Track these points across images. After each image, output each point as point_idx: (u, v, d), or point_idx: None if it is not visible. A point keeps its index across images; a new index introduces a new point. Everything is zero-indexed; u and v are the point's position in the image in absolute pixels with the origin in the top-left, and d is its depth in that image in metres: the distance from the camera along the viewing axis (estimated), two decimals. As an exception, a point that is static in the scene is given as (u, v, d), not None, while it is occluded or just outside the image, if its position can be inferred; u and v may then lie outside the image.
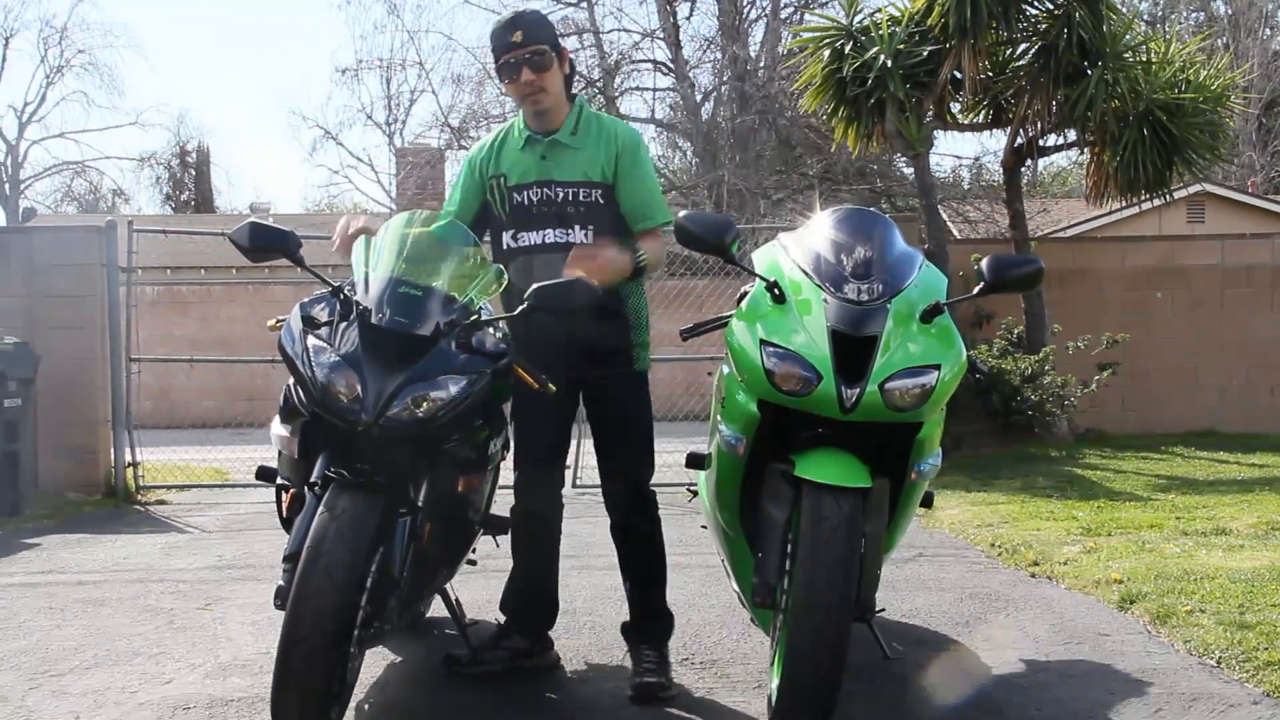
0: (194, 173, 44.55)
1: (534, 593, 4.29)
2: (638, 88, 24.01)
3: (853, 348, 3.37)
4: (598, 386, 4.13)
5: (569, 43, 22.41)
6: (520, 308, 3.69)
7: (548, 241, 4.04)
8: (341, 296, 3.55)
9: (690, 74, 22.56)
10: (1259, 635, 4.31)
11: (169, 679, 4.25)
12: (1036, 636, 4.66)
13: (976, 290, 3.66)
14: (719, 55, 22.25)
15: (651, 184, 4.15)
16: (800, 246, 3.67)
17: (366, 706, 3.93)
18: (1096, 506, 7.64)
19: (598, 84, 22.05)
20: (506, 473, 4.33)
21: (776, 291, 3.52)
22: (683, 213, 3.77)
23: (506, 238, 4.11)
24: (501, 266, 3.97)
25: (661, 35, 22.70)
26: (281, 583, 3.37)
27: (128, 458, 9.42)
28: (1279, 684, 3.85)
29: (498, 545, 4.41)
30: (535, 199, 4.06)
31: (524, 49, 3.97)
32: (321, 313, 3.57)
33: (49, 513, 8.50)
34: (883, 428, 3.43)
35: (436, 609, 4.69)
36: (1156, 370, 12.08)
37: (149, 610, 5.36)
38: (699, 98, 22.85)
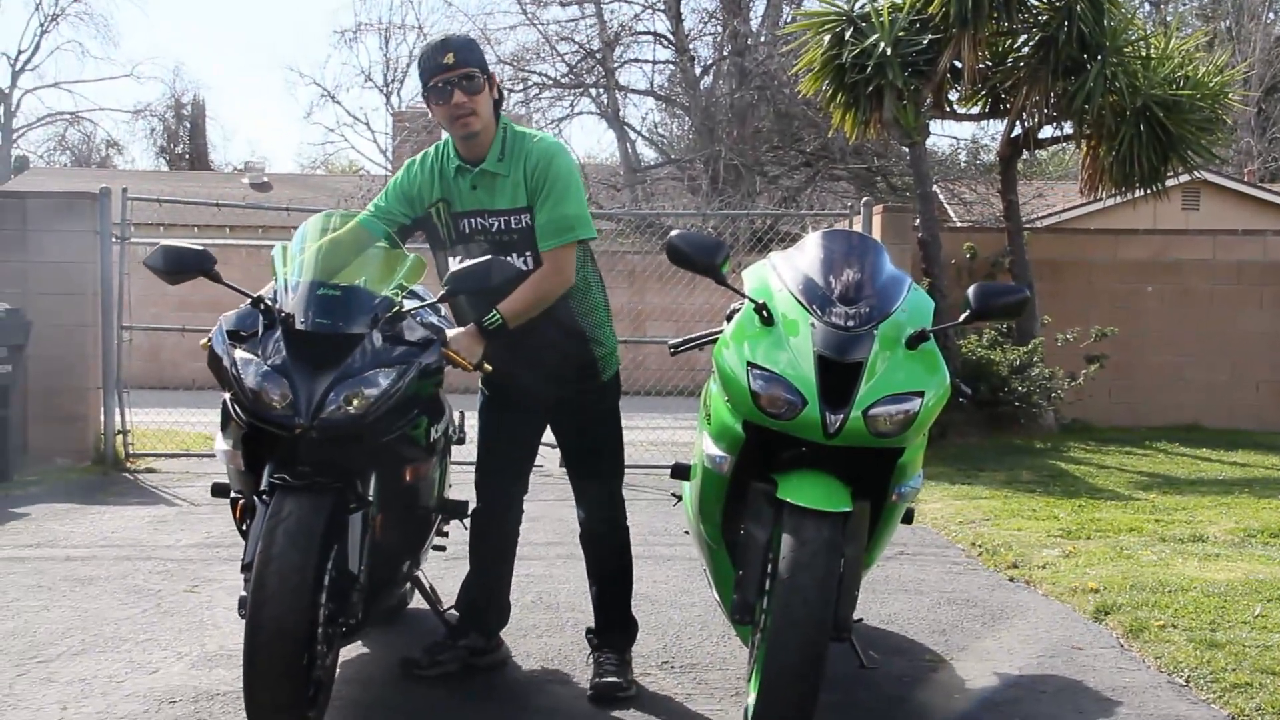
0: (189, 126, 44.38)
1: (489, 593, 4.39)
2: (637, 60, 23.94)
3: (838, 372, 3.42)
4: (568, 405, 4.17)
5: (569, 12, 22.31)
6: (440, 293, 3.74)
7: None
8: (263, 306, 3.60)
9: (690, 47, 22.49)
10: (1228, 655, 4.38)
11: (155, 668, 4.31)
12: (1011, 648, 4.74)
13: (963, 318, 3.70)
14: (719, 29, 22.19)
15: (562, 200, 3.98)
16: (789, 267, 3.71)
17: (349, 703, 3.99)
18: (1078, 505, 7.72)
19: (598, 55, 21.96)
20: (462, 452, 4.43)
21: (765, 313, 3.56)
22: (675, 232, 3.81)
23: (454, 263, 4.06)
24: (419, 256, 3.99)
25: (662, 7, 22.60)
26: (244, 592, 3.40)
27: (117, 425, 9.46)
28: (1244, 708, 3.93)
29: (465, 528, 4.47)
30: (473, 228, 4.08)
31: (455, 71, 3.92)
32: (246, 324, 3.62)
33: (37, 479, 8.55)
34: (865, 450, 3.48)
35: (419, 601, 4.77)
36: (1144, 364, 12.17)
37: (136, 591, 5.42)
38: (698, 71, 22.79)
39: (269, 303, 3.60)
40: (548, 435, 4.39)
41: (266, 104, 68.65)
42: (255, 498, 3.55)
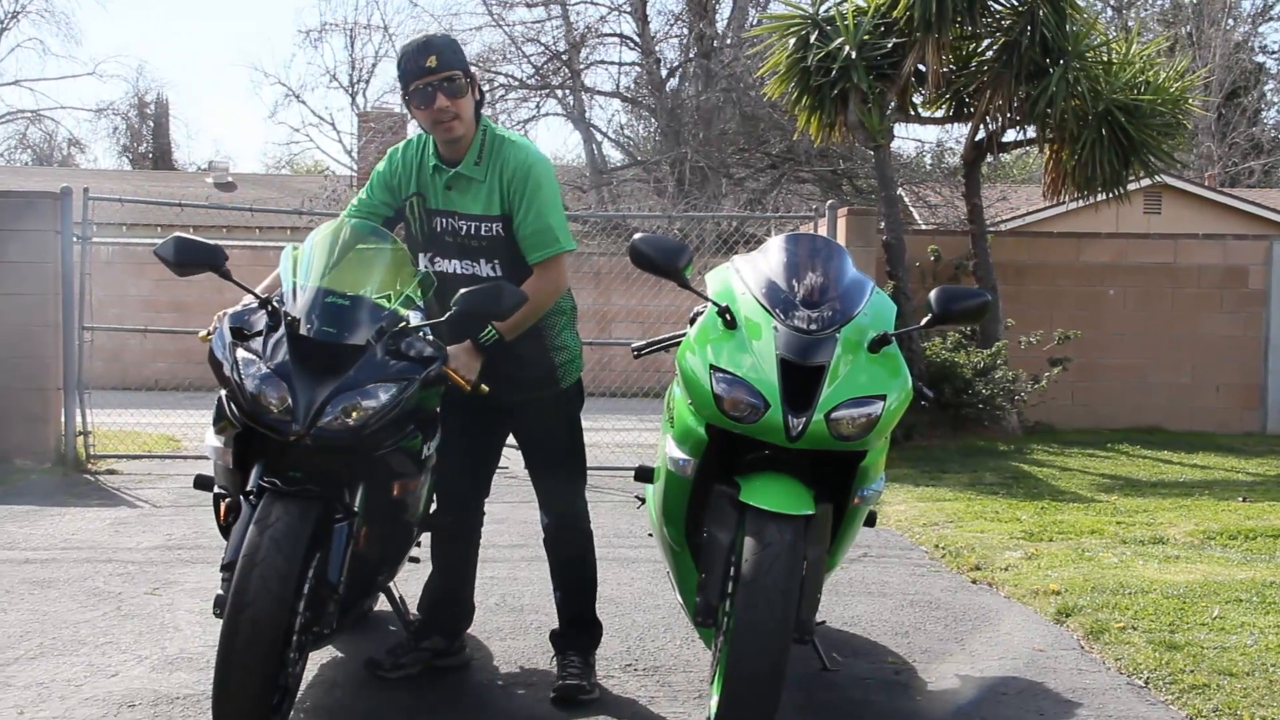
0: (152, 125, 44.03)
1: (452, 595, 4.39)
2: (603, 61, 23.95)
3: (801, 375, 3.43)
4: (527, 411, 4.18)
5: (535, 13, 22.29)
6: (448, 313, 3.72)
7: (458, 272, 4.04)
8: (270, 308, 3.58)
9: (656, 49, 22.51)
10: (1186, 656, 4.43)
11: (115, 671, 4.27)
12: (973, 650, 4.77)
13: (925, 321, 3.72)
14: (685, 31, 22.22)
15: (544, 211, 3.97)
16: (752, 270, 3.72)
17: (312, 706, 3.97)
18: (1040, 507, 7.78)
19: (564, 56, 21.94)
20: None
21: (728, 317, 3.57)
22: (638, 235, 3.80)
23: (424, 260, 4.08)
24: (429, 273, 4.01)
25: (628, 9, 22.61)
26: (220, 591, 3.39)
27: (78, 426, 9.37)
28: (1202, 709, 3.97)
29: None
30: (443, 228, 4.05)
31: (438, 74, 3.86)
32: (251, 324, 3.59)
33: (-3, 481, 8.47)
34: (828, 453, 3.50)
35: (383, 603, 4.75)
36: (1106, 366, 12.27)
37: (96, 594, 5.37)
38: (664, 73, 22.81)
39: (276, 304, 3.58)
40: (512, 438, 4.38)
41: (231, 103, 68.25)
42: (241, 497, 3.53)
